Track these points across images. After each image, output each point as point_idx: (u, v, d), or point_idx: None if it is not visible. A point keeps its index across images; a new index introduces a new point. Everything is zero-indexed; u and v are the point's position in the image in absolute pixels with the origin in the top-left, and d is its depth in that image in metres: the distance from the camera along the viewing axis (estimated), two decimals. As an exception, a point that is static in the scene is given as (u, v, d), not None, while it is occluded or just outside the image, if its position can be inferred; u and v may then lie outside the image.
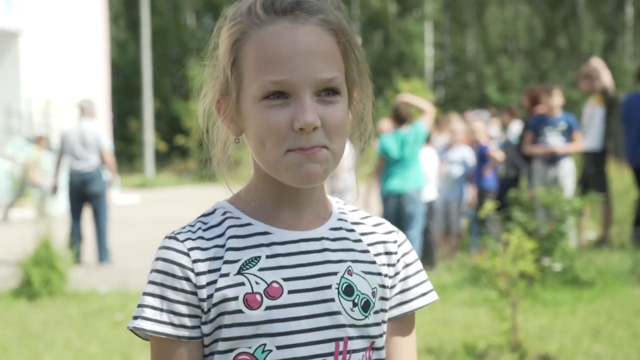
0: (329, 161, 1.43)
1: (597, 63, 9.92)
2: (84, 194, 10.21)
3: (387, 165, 8.79)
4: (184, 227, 1.49)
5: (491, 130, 12.20)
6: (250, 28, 1.44)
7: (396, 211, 8.74)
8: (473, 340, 6.00)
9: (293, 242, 1.48)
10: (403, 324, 1.58)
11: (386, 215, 8.69)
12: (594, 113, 9.99)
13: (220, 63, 1.48)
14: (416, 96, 9.12)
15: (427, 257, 9.44)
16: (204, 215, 1.52)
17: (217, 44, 1.51)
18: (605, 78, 9.86)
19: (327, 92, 1.43)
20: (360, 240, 1.54)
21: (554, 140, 9.65)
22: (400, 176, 8.75)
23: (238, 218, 1.49)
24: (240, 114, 1.47)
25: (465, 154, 10.49)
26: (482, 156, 10.41)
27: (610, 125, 9.90)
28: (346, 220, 1.56)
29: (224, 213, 1.51)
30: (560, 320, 6.72)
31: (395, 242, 1.58)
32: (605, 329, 6.38)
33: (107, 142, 10.31)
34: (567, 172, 9.72)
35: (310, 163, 1.41)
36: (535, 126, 9.81)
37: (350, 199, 11.87)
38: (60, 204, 14.87)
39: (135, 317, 1.45)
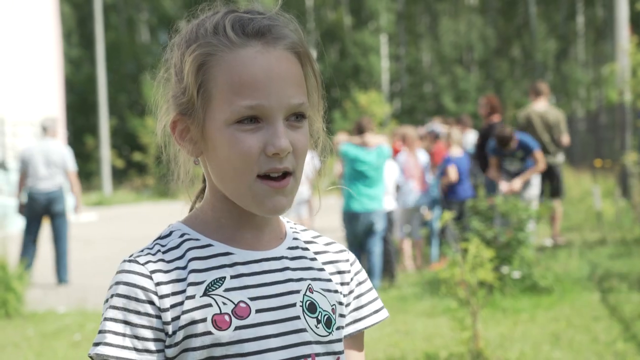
0: (294, 191, 1.44)
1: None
2: (47, 214, 10.05)
3: (353, 182, 8.81)
4: (142, 250, 1.47)
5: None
6: (220, 50, 1.42)
7: (365, 229, 8.85)
8: (434, 350, 6.02)
9: (255, 262, 1.47)
10: (356, 340, 1.59)
11: (356, 233, 8.81)
12: None
13: (183, 83, 1.45)
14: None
15: (387, 267, 9.46)
16: (160, 238, 1.49)
17: (174, 61, 1.48)
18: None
19: (295, 116, 1.44)
20: (315, 259, 1.55)
21: (515, 167, 10.08)
22: (370, 195, 8.83)
23: (197, 239, 1.48)
24: (205, 136, 1.44)
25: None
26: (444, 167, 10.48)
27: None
28: (300, 239, 1.56)
29: (182, 235, 1.49)
30: (520, 328, 6.77)
31: (347, 260, 1.59)
32: (564, 335, 6.44)
33: (72, 162, 10.19)
34: (532, 184, 10.20)
35: (279, 196, 1.42)
36: (495, 153, 10.13)
37: (305, 212, 11.87)
38: (14, 224, 14.66)
39: (97, 344, 1.41)
